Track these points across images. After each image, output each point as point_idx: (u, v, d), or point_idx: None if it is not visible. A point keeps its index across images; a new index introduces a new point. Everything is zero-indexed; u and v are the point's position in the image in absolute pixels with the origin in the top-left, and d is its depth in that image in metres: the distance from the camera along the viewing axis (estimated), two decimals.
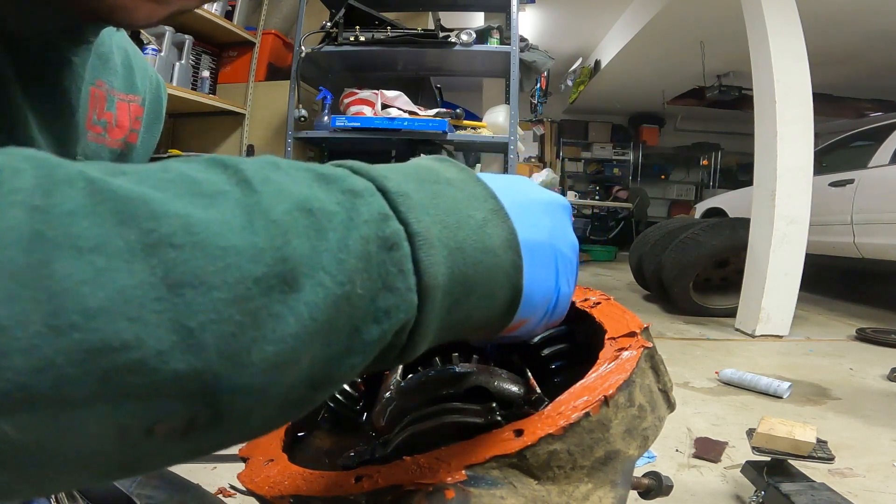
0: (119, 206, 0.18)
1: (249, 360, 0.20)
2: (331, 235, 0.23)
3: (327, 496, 0.36)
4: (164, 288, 0.18)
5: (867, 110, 6.95)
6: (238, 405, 0.20)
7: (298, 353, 0.21)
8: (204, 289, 0.18)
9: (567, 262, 0.36)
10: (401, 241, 0.25)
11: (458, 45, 2.61)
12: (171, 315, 0.18)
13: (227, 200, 0.21)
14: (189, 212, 0.19)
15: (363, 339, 0.24)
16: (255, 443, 0.50)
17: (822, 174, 3.64)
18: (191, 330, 0.18)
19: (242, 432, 0.22)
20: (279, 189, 0.22)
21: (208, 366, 0.18)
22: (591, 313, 0.51)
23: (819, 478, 1.12)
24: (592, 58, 7.03)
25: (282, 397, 0.22)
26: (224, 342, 0.19)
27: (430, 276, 0.25)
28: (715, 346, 2.53)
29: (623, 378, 0.38)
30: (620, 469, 0.38)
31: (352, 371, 0.24)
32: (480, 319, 0.30)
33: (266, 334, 0.20)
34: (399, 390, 0.47)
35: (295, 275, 0.21)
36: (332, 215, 0.23)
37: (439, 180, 0.29)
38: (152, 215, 0.18)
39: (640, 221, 7.73)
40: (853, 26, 4.66)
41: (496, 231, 0.29)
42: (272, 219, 0.21)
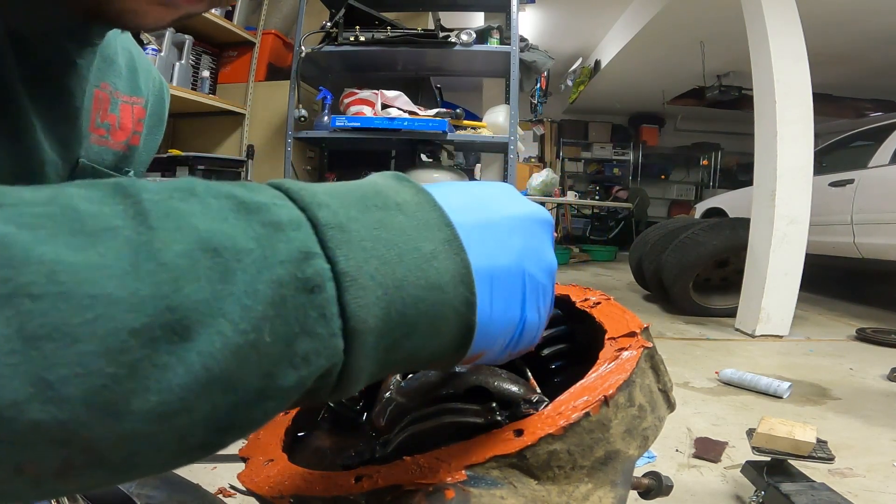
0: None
1: (128, 410, 0.18)
2: (238, 277, 0.20)
3: (327, 496, 0.36)
4: (19, 341, 0.16)
5: (867, 110, 6.95)
6: (120, 451, 0.19)
7: (190, 403, 0.19)
8: (66, 341, 0.17)
9: (537, 286, 0.32)
10: (324, 283, 0.22)
11: (458, 45, 2.61)
12: (27, 368, 0.16)
13: (114, 240, 0.19)
14: (58, 256, 0.17)
15: (278, 385, 0.22)
16: (255, 443, 0.50)
17: (822, 174, 3.64)
18: (49, 383, 0.16)
19: (135, 472, 0.20)
20: (181, 224, 0.20)
21: (74, 416, 0.17)
22: (591, 313, 0.51)
23: (819, 478, 1.12)
24: (592, 58, 7.03)
25: (177, 442, 0.20)
26: (92, 394, 0.17)
27: (357, 320, 0.23)
28: (715, 346, 2.53)
29: (623, 378, 0.38)
30: (620, 469, 0.38)
31: (265, 416, 0.23)
32: (426, 357, 0.28)
33: (148, 385, 0.18)
34: (399, 390, 0.47)
35: (186, 324, 0.19)
36: (242, 254, 0.21)
37: (388, 205, 0.27)
38: (9, 262, 0.17)
39: (640, 221, 7.73)
40: (853, 26, 4.66)
41: (445, 265, 0.27)
42: (163, 262, 0.19)
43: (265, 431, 0.53)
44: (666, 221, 4.14)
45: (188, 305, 0.19)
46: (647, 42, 5.42)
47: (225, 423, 0.21)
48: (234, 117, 3.06)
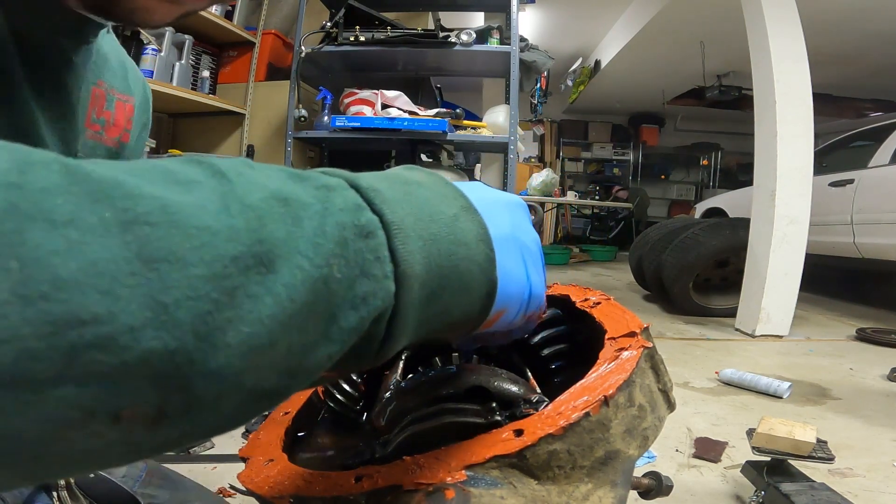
0: (93, 187, 0.18)
1: (224, 342, 0.19)
2: (306, 223, 0.23)
3: (327, 496, 0.36)
4: (139, 263, 0.17)
5: (867, 110, 6.95)
6: (211, 390, 0.19)
7: (275, 337, 0.21)
8: (180, 265, 0.18)
9: (532, 254, 0.36)
10: (376, 230, 0.25)
11: (458, 45, 2.61)
12: (145, 290, 0.17)
13: (203, 188, 0.21)
14: (164, 195, 0.19)
15: (340, 326, 0.24)
16: (255, 443, 0.50)
17: (822, 174, 3.64)
18: (165, 306, 0.17)
19: (212, 423, 0.21)
20: (253, 181, 0.22)
21: (182, 345, 0.18)
22: (591, 313, 0.51)
23: (819, 478, 1.12)
24: (592, 58, 7.03)
25: (255, 384, 0.21)
26: (199, 320, 0.18)
27: (406, 265, 0.26)
28: (715, 346, 2.53)
29: (623, 378, 0.38)
30: (620, 469, 0.38)
31: (328, 360, 0.24)
32: (458, 314, 0.30)
33: (242, 315, 0.19)
34: (399, 390, 0.47)
35: (272, 256, 0.21)
36: (306, 205, 0.23)
37: (409, 182, 0.30)
38: (127, 195, 0.18)
39: (640, 221, 7.73)
40: (853, 26, 4.66)
41: (468, 226, 0.30)
42: (247, 204, 0.21)
43: (265, 431, 0.53)
44: (666, 221, 4.14)
45: (272, 240, 0.21)
46: (647, 42, 5.42)
47: (295, 365, 0.22)
48: (234, 117, 3.06)
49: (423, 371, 0.53)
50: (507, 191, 2.70)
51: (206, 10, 2.64)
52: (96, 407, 0.17)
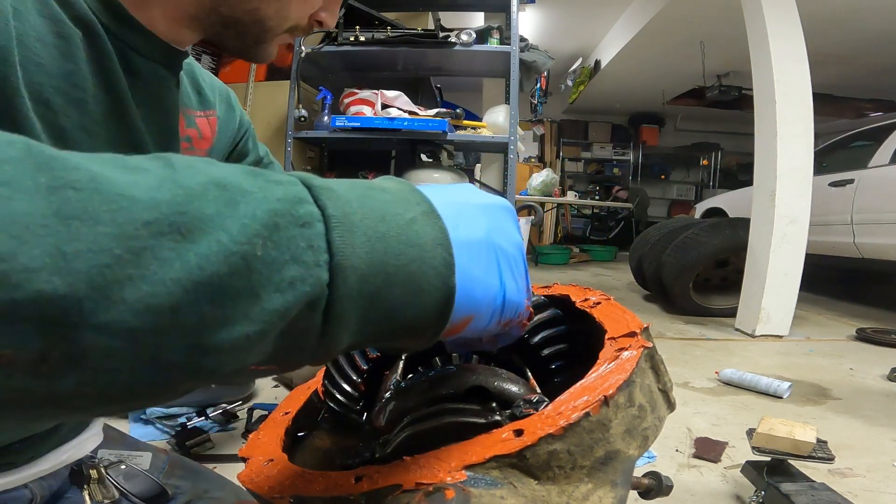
0: (42, 160, 0.20)
1: (120, 296, 0.20)
2: (241, 206, 0.24)
3: (327, 496, 0.36)
4: (54, 218, 0.19)
5: (867, 110, 6.95)
6: (99, 344, 0.20)
7: (178, 301, 0.21)
8: (91, 223, 0.20)
9: (510, 258, 0.36)
10: (314, 221, 0.26)
11: (458, 45, 2.61)
12: (52, 240, 0.19)
13: (146, 172, 0.23)
14: (103, 171, 0.21)
15: (263, 307, 0.24)
16: (255, 443, 0.50)
17: (822, 174, 3.64)
18: (65, 254, 0.19)
19: (106, 383, 0.21)
20: (200, 171, 0.24)
21: (73, 292, 0.19)
22: (591, 313, 0.51)
23: (819, 478, 1.12)
24: (592, 58, 7.03)
25: (158, 352, 0.21)
26: (97, 272, 0.19)
27: (342, 256, 0.26)
28: (715, 346, 2.53)
29: (623, 378, 0.38)
30: (620, 469, 0.38)
31: (247, 341, 0.24)
32: (411, 317, 0.30)
33: (145, 274, 0.20)
34: (399, 390, 0.47)
35: (192, 228, 0.22)
36: (245, 192, 0.24)
37: (372, 186, 0.31)
38: (67, 168, 0.20)
39: (640, 221, 7.73)
40: (853, 26, 4.66)
41: (424, 229, 0.30)
42: (182, 185, 0.23)
43: (265, 431, 0.53)
44: (666, 221, 4.14)
45: (195, 214, 0.22)
46: (647, 42, 5.41)
47: (207, 340, 0.22)
48: None
49: (423, 371, 0.53)
50: (507, 191, 2.70)
51: None
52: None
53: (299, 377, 1.58)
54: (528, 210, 0.93)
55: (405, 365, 0.53)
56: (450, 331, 0.33)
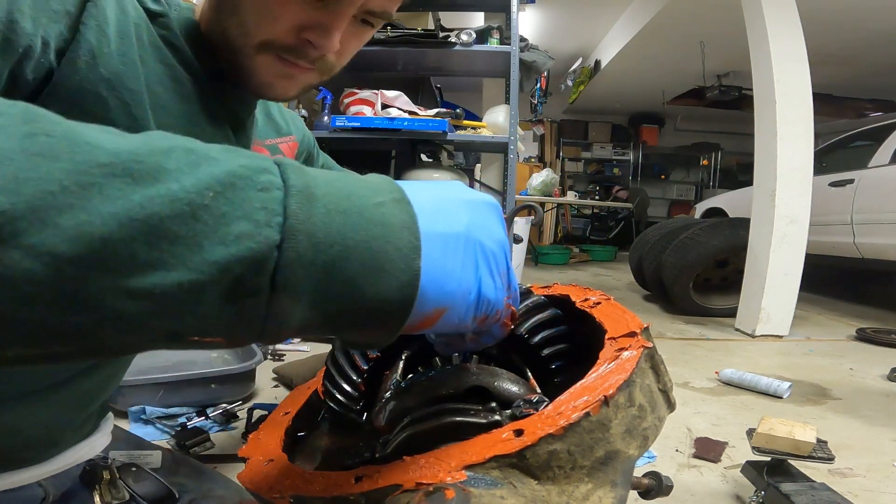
0: (32, 116, 0.22)
1: (55, 221, 0.21)
2: (202, 167, 0.25)
3: (327, 496, 0.36)
4: (20, 154, 0.21)
5: (867, 110, 6.94)
6: (24, 266, 0.21)
7: (111, 234, 0.22)
8: (51, 160, 0.22)
9: (490, 255, 0.36)
10: (272, 188, 0.26)
11: (458, 45, 2.61)
12: (11, 169, 0.21)
13: (123, 135, 0.24)
14: (84, 130, 0.23)
15: (203, 256, 0.24)
16: (255, 443, 0.50)
17: (822, 174, 3.64)
18: (17, 178, 0.21)
19: (21, 315, 0.21)
20: (173, 138, 0.26)
21: (12, 209, 0.20)
22: (591, 313, 0.51)
23: (819, 478, 1.12)
24: (592, 58, 7.03)
25: (81, 284, 0.22)
26: (40, 196, 0.21)
27: (296, 219, 0.26)
28: (715, 346, 2.53)
29: (623, 378, 0.38)
30: (620, 469, 0.38)
31: (182, 292, 0.24)
32: (371, 295, 0.29)
33: (86, 205, 0.22)
34: (399, 390, 0.47)
35: (145, 174, 0.23)
36: (211, 158, 0.26)
37: (350, 175, 0.32)
38: (51, 122, 0.23)
39: (640, 221, 7.72)
40: (853, 26, 4.65)
41: (391, 211, 0.30)
42: (149, 143, 0.24)
43: (265, 431, 0.53)
44: (666, 221, 4.14)
45: (153, 165, 0.24)
46: (647, 42, 5.41)
47: (136, 284, 0.23)
48: None
49: (423, 371, 0.53)
50: (507, 191, 2.70)
51: None
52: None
53: (299, 377, 1.58)
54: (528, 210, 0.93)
55: (405, 365, 0.53)
56: (421, 323, 0.32)
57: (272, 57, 0.51)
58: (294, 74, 0.52)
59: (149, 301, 0.23)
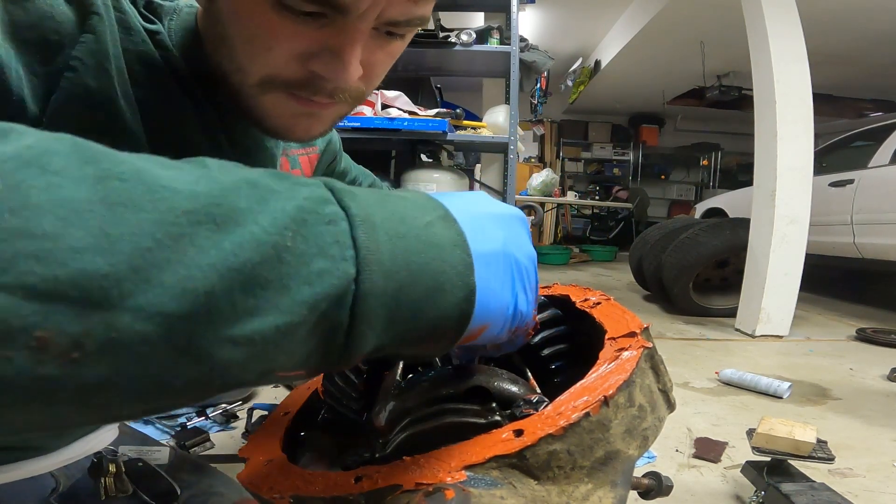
0: (89, 155, 0.21)
1: (160, 279, 0.20)
2: (271, 202, 0.25)
3: (327, 496, 0.36)
4: (100, 204, 0.20)
5: (867, 110, 6.94)
6: (136, 328, 0.20)
7: (213, 286, 0.22)
8: (134, 209, 0.21)
9: (524, 270, 0.36)
10: (339, 220, 0.27)
11: (458, 45, 2.61)
12: (97, 223, 0.20)
13: (184, 169, 0.24)
14: (146, 166, 0.23)
15: (293, 297, 0.24)
16: (255, 443, 0.50)
17: (822, 174, 3.64)
18: (109, 236, 0.20)
19: (137, 373, 0.21)
20: (232, 171, 0.26)
21: (115, 271, 0.19)
22: (591, 313, 0.51)
23: (819, 478, 1.12)
24: (592, 58, 7.03)
25: (190, 338, 0.21)
26: (138, 254, 0.20)
27: (368, 251, 0.27)
28: (715, 346, 2.53)
29: (623, 378, 0.38)
30: (620, 469, 0.38)
31: (278, 335, 0.24)
32: (434, 316, 0.30)
33: (183, 258, 0.21)
34: (399, 390, 0.47)
35: (226, 219, 0.23)
36: (274, 190, 0.25)
37: (389, 193, 0.32)
38: (113, 162, 0.22)
39: (640, 221, 7.72)
40: (853, 26, 4.65)
41: (442, 231, 0.31)
42: (217, 180, 0.24)
43: (265, 431, 0.53)
44: (666, 221, 4.13)
45: (230, 206, 0.23)
46: (647, 42, 5.41)
47: (238, 331, 0.23)
48: None
49: (423, 371, 0.53)
50: (507, 191, 2.70)
51: None
52: (12, 321, 0.18)
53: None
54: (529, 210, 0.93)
55: (405, 365, 0.53)
56: (466, 338, 0.33)
57: (282, 95, 0.43)
58: (315, 112, 0.44)
59: (250, 347, 0.23)
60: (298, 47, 0.40)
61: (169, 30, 0.46)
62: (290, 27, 0.39)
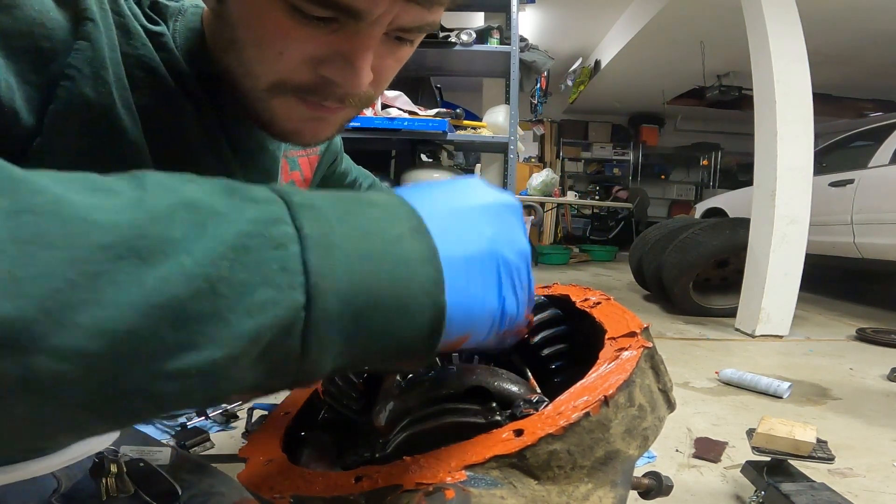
0: (8, 185, 0.20)
1: (73, 321, 0.19)
2: (209, 229, 0.23)
3: (327, 496, 0.36)
4: (10, 242, 0.19)
5: (867, 110, 6.94)
6: (53, 368, 0.19)
7: (136, 326, 0.21)
8: (46, 248, 0.19)
9: (513, 269, 0.34)
10: (288, 243, 0.25)
11: (458, 45, 2.61)
12: (6, 265, 0.19)
13: (116, 194, 0.22)
14: (68, 195, 0.21)
15: (232, 331, 0.23)
16: (255, 443, 0.50)
17: (822, 174, 3.64)
18: (18, 278, 0.19)
19: (61, 410, 0.21)
20: (171, 190, 0.24)
21: (23, 315, 0.19)
22: (591, 313, 0.51)
23: (819, 478, 1.12)
24: (592, 58, 7.03)
25: (115, 376, 0.21)
26: (49, 296, 0.19)
27: (318, 276, 0.25)
28: (715, 346, 2.53)
29: (623, 378, 0.38)
30: (620, 469, 0.38)
31: (216, 367, 0.23)
32: (399, 338, 0.29)
33: (101, 298, 0.20)
34: (399, 390, 0.47)
35: (153, 251, 0.21)
36: (217, 214, 0.24)
37: (360, 201, 0.30)
38: (32, 191, 0.20)
39: (640, 221, 7.72)
40: (853, 26, 4.65)
41: (411, 246, 0.29)
42: (148, 208, 0.22)
43: (265, 431, 0.53)
44: (666, 221, 4.13)
45: (158, 237, 0.22)
46: (647, 42, 5.41)
47: (170, 366, 0.22)
48: None
49: (423, 371, 0.53)
50: (507, 191, 2.70)
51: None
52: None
53: None
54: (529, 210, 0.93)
55: None
56: (447, 348, 0.32)
57: (292, 99, 0.43)
58: (324, 117, 0.45)
59: (186, 379, 0.23)
60: (310, 52, 0.40)
61: (174, 31, 0.45)
62: (301, 31, 0.39)
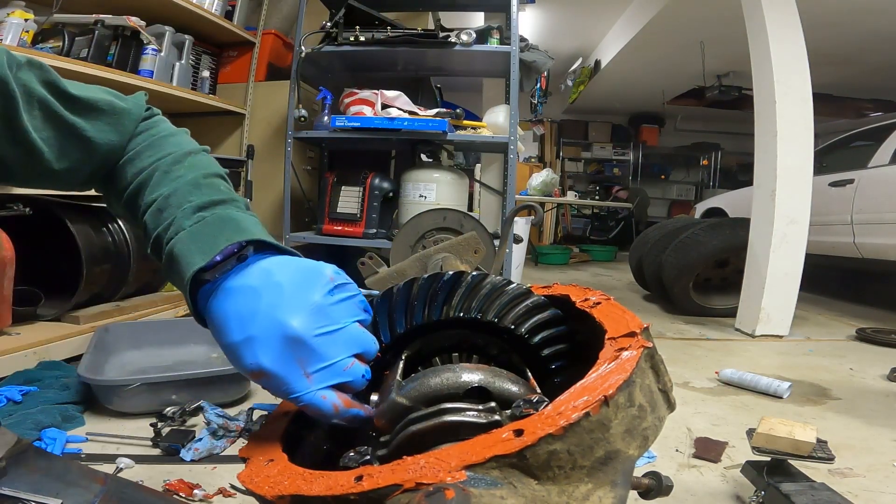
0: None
1: None
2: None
3: (327, 496, 0.36)
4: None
5: (867, 110, 6.95)
6: None
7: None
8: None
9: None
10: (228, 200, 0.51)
11: (458, 45, 2.61)
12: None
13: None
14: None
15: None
16: (256, 443, 0.50)
17: (822, 174, 3.64)
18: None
19: None
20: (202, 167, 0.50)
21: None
22: (591, 313, 0.51)
23: (819, 478, 1.12)
24: (592, 58, 7.03)
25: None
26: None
27: None
28: (715, 346, 2.53)
29: (623, 378, 0.38)
30: (620, 469, 0.38)
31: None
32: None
33: None
34: (400, 391, 0.47)
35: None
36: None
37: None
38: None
39: (640, 221, 7.72)
40: (853, 26, 4.65)
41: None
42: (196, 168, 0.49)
43: (265, 431, 0.53)
44: (666, 221, 4.14)
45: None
46: (647, 42, 5.41)
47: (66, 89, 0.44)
48: (234, 117, 3.06)
49: (423, 371, 0.53)
50: (507, 191, 2.70)
51: (206, 10, 2.64)
52: None
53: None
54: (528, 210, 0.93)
55: (405, 365, 0.53)
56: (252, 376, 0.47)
57: None
58: None
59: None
60: None
61: None
62: None
